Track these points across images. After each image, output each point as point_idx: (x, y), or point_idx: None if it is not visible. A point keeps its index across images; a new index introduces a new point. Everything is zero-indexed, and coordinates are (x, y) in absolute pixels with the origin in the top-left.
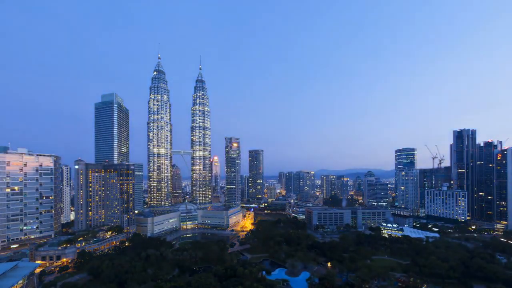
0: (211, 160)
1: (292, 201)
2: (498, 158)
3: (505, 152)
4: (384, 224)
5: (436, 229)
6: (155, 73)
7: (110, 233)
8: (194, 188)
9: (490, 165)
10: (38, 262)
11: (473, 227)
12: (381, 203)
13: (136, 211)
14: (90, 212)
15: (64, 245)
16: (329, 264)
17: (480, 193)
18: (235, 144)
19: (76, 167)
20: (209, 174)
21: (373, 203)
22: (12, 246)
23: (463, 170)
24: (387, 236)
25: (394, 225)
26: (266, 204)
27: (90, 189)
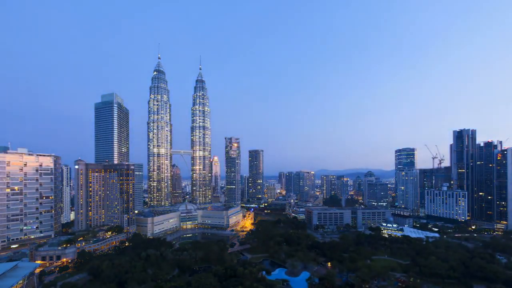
0: (211, 160)
1: (292, 201)
2: (498, 158)
3: (505, 152)
4: (384, 224)
5: (436, 229)
6: (155, 73)
7: (110, 233)
8: (194, 188)
9: (490, 165)
10: (38, 262)
11: (473, 227)
12: (381, 203)
13: (136, 211)
14: (90, 212)
15: (64, 245)
16: (329, 264)
17: (480, 193)
18: (235, 144)
19: (76, 167)
20: (209, 174)
21: (373, 203)
22: (12, 246)
23: (463, 170)
24: (387, 236)
25: (394, 225)
26: (266, 204)
27: (90, 189)
